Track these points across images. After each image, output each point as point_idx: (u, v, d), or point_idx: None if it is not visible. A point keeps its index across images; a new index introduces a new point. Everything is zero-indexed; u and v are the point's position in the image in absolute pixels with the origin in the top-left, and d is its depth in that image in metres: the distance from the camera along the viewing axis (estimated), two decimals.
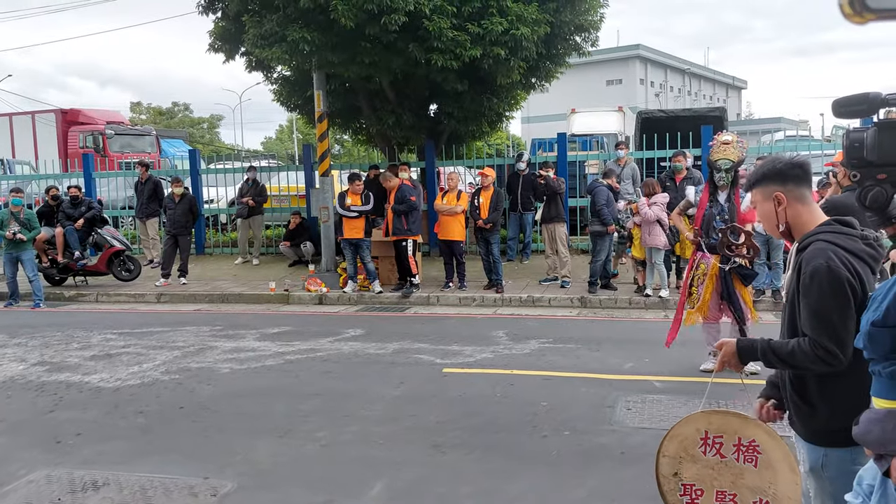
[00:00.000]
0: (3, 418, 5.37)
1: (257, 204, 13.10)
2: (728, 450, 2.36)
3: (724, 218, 5.78)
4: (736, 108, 67.97)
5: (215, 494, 3.96)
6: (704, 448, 2.39)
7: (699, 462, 2.40)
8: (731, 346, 2.41)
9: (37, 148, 24.72)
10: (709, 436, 2.39)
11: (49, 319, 9.59)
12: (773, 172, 2.38)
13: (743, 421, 2.37)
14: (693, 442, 2.41)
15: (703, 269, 5.94)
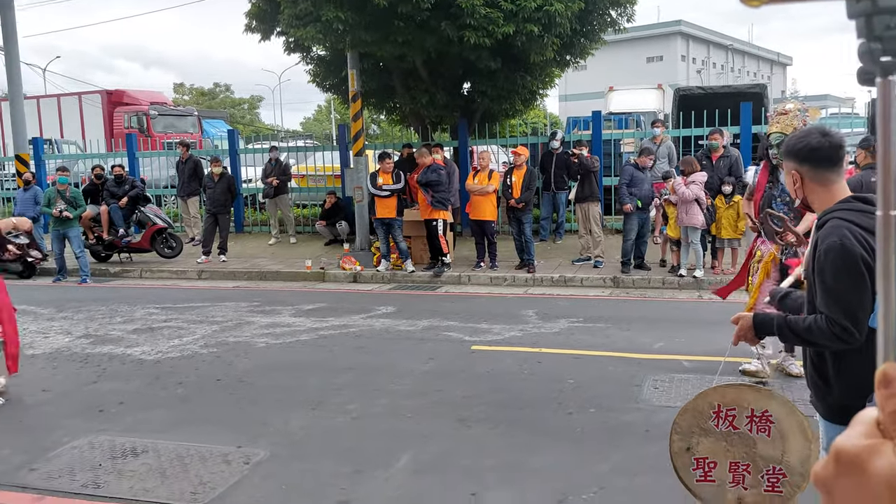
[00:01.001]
0: (50, 388, 5.63)
1: (282, 183, 13.28)
2: (741, 421, 2.36)
3: (786, 200, 5.09)
4: (780, 84, 66.08)
5: (248, 462, 4.12)
6: (717, 421, 2.39)
7: (711, 435, 2.40)
8: (748, 319, 2.42)
9: (83, 128, 25.37)
10: (721, 409, 2.38)
11: (94, 294, 9.93)
12: (791, 151, 2.38)
13: (757, 393, 2.37)
14: (705, 416, 2.41)
15: (758, 257, 5.35)
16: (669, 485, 3.69)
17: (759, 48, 69.69)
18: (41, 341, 7.09)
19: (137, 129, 22.72)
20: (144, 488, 3.81)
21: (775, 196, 5.20)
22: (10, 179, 17.54)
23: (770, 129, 5.05)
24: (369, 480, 3.87)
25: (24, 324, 7.89)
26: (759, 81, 30.23)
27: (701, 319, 7.45)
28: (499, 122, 13.68)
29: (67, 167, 12.00)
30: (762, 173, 5.34)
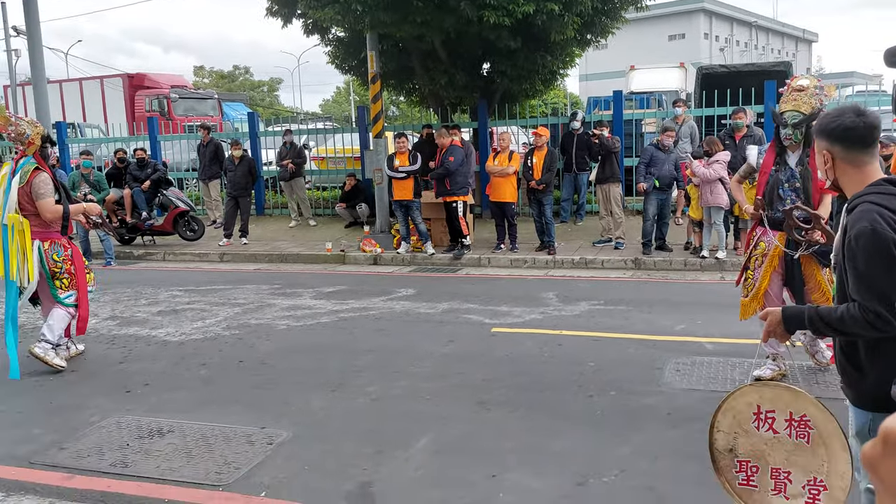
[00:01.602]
0: (78, 369, 5.73)
1: (297, 167, 13.31)
2: (780, 425, 2.30)
3: (795, 186, 4.57)
4: (806, 62, 64.84)
5: (271, 443, 4.18)
6: (758, 423, 2.33)
7: (753, 437, 2.34)
8: (777, 314, 2.35)
9: (105, 112, 25.60)
10: (761, 410, 2.32)
11: (119, 277, 10.07)
12: (825, 131, 2.30)
13: (794, 395, 2.30)
14: (746, 417, 2.34)
15: (762, 249, 4.73)
16: (691, 469, 3.70)
17: (783, 24, 68.36)
18: None
19: (158, 113, 22.88)
20: (171, 467, 3.88)
21: (782, 181, 4.63)
22: None
23: (783, 106, 4.51)
24: (390, 461, 3.92)
25: None
26: (784, 59, 29.68)
27: (723, 301, 7.39)
28: (519, 103, 13.58)
29: (91, 151, 12.13)
30: (768, 154, 4.75)
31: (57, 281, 5.71)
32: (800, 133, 4.48)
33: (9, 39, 27.18)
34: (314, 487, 3.65)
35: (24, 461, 4.03)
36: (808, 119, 4.34)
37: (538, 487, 3.58)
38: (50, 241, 5.69)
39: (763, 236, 4.77)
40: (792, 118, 4.42)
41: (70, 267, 5.78)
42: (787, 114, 4.44)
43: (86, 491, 3.67)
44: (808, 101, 4.38)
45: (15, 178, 5.58)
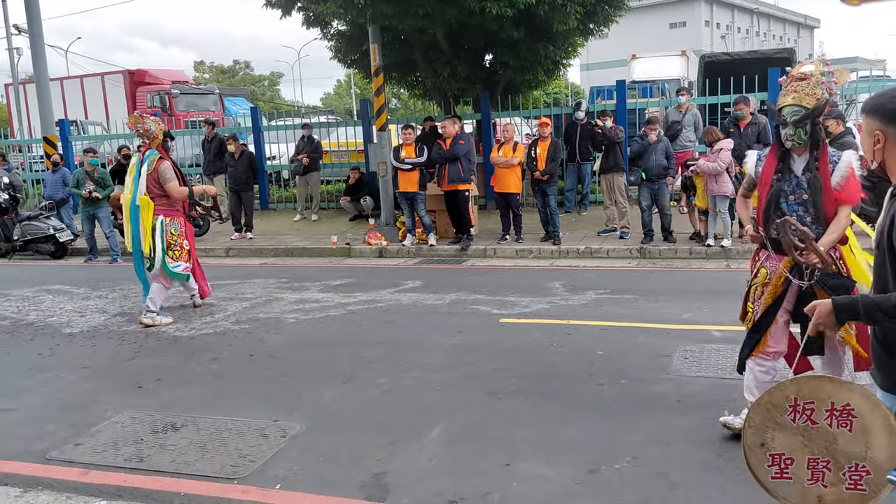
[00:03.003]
0: (90, 365, 5.77)
1: (313, 161, 13.31)
2: (820, 416, 2.23)
3: (802, 198, 3.63)
4: (808, 48, 64.54)
5: (284, 435, 4.21)
6: (794, 415, 2.26)
7: (787, 429, 2.28)
8: (827, 305, 2.24)
9: (107, 108, 25.60)
10: (798, 402, 2.26)
11: (126, 273, 10.07)
12: (881, 111, 2.17)
13: (836, 385, 2.24)
14: (781, 409, 2.28)
15: (762, 277, 3.83)
16: (702, 454, 3.73)
17: (785, 11, 68.08)
18: (78, 320, 7.25)
19: (160, 109, 22.89)
20: (186, 461, 3.92)
21: (786, 192, 3.68)
22: (38, 161, 17.80)
23: (782, 99, 3.65)
24: (403, 451, 3.95)
25: (60, 303, 8.09)
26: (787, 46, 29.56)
27: (730, 289, 7.38)
28: (521, 94, 13.56)
29: (94, 148, 12.15)
30: (768, 160, 3.79)
31: (170, 251, 6.84)
32: (803, 132, 3.56)
33: (10, 38, 27.17)
34: (329, 479, 3.68)
35: (39, 457, 4.07)
36: (813, 114, 3.53)
37: (551, 475, 3.61)
38: (171, 217, 6.91)
39: (766, 262, 3.83)
40: (792, 114, 3.56)
41: (183, 241, 6.96)
42: (786, 109, 3.58)
43: (102, 486, 3.71)
44: (813, 91, 3.55)
45: (143, 167, 6.84)
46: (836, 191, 3.59)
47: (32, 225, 11.73)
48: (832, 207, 3.61)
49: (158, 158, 6.87)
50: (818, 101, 3.55)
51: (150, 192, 6.84)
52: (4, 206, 11.77)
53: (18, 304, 8.12)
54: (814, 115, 3.55)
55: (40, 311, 7.72)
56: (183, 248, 6.96)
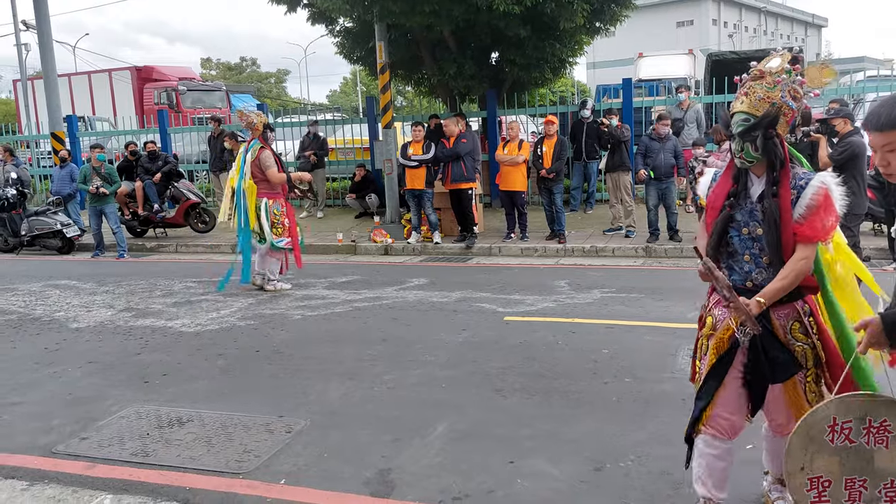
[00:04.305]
0: (96, 360, 5.79)
1: (318, 158, 13.32)
2: (857, 434, 2.20)
3: (756, 233, 2.75)
4: (815, 47, 64.30)
5: (290, 431, 4.22)
6: (832, 436, 2.22)
7: (826, 451, 2.23)
8: (877, 323, 2.12)
9: (115, 104, 25.69)
10: (837, 422, 2.21)
11: (133, 269, 10.15)
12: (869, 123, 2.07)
13: (873, 401, 2.21)
14: (820, 431, 2.23)
15: (709, 326, 2.92)
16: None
17: (793, 10, 67.78)
18: (85, 315, 7.29)
19: (167, 105, 22.94)
20: (191, 456, 3.93)
21: (738, 223, 2.80)
22: (45, 157, 17.87)
23: (733, 104, 2.79)
24: (408, 448, 3.95)
25: (67, 298, 8.12)
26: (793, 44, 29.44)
27: None
28: (527, 92, 13.55)
29: (102, 144, 12.20)
30: (721, 181, 2.93)
31: (274, 229, 7.81)
32: (752, 147, 2.67)
33: (18, 34, 27.25)
34: (333, 475, 3.69)
35: (46, 451, 4.08)
36: (762, 124, 2.65)
37: (556, 473, 3.61)
38: (273, 199, 7.83)
39: (714, 308, 2.92)
40: (738, 124, 2.70)
41: (284, 220, 7.90)
42: (735, 117, 2.73)
43: (108, 479, 3.72)
44: (767, 94, 2.67)
45: (248, 156, 7.78)
46: (797, 224, 2.65)
47: (40, 220, 11.79)
48: (789, 244, 2.69)
49: (259, 148, 7.76)
50: (770, 108, 2.64)
51: (254, 177, 7.73)
52: (12, 202, 11.83)
53: (25, 299, 8.16)
54: (763, 125, 2.65)
55: (47, 306, 7.75)
56: (284, 225, 7.88)
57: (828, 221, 2.62)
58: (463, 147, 10.00)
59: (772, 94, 2.67)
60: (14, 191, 11.89)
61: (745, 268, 2.79)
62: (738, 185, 2.80)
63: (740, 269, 2.81)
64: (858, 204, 6.71)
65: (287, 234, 7.91)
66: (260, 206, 7.76)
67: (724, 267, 2.83)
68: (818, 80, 2.75)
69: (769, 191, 2.71)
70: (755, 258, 2.77)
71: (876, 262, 8.23)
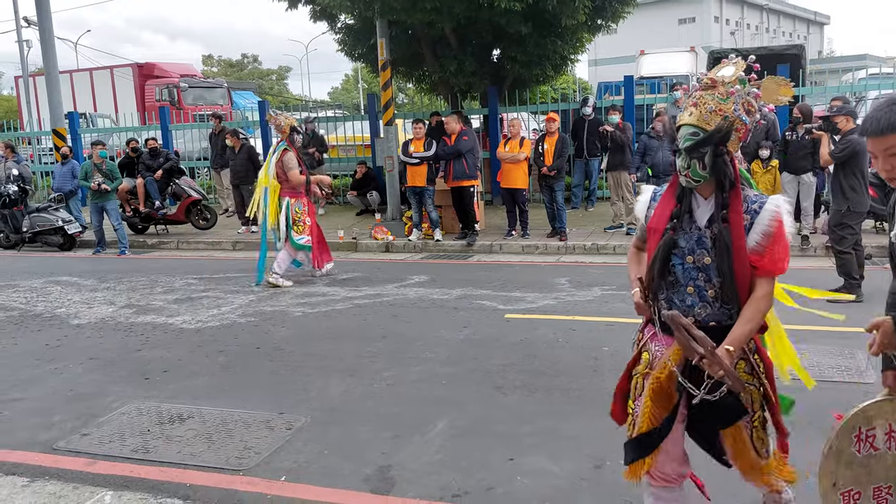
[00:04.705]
0: (97, 356, 5.80)
1: (319, 155, 13.34)
2: (880, 440, 2.16)
3: (703, 262, 2.45)
4: (817, 45, 64.19)
5: (290, 428, 4.23)
6: (858, 446, 2.17)
7: (853, 463, 2.18)
8: (889, 324, 2.07)
9: (116, 101, 25.68)
10: (862, 431, 2.16)
11: (134, 265, 10.15)
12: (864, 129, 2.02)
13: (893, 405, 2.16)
14: (848, 443, 2.17)
15: (645, 362, 2.62)
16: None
17: (795, 7, 67.61)
18: (86, 311, 7.29)
19: (168, 102, 22.93)
20: (192, 453, 3.93)
21: (683, 250, 2.48)
22: (47, 153, 17.88)
23: (681, 117, 2.46)
24: (408, 445, 3.95)
25: (68, 294, 8.13)
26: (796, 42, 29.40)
27: None
28: (529, 89, 13.53)
29: (103, 141, 12.20)
30: (663, 200, 2.58)
31: (295, 226, 8.06)
32: (699, 165, 2.39)
33: (20, 30, 27.24)
34: (334, 471, 3.69)
35: (46, 447, 4.09)
36: (712, 140, 2.36)
37: (556, 471, 3.61)
38: (295, 198, 8.10)
39: (651, 342, 2.63)
40: (685, 139, 2.40)
41: (305, 218, 8.14)
42: (682, 130, 2.42)
43: (109, 476, 3.73)
44: (718, 107, 2.39)
45: (274, 156, 8.07)
46: (755, 254, 2.38)
47: (41, 217, 11.79)
48: (747, 280, 2.40)
49: (284, 149, 8.05)
50: (723, 122, 2.36)
51: (278, 177, 8.02)
52: (14, 198, 11.84)
53: (27, 296, 8.17)
54: (713, 140, 2.36)
55: (48, 303, 7.76)
56: (305, 223, 8.13)
57: (786, 251, 2.41)
58: (464, 144, 9.99)
59: (724, 107, 2.39)
60: (15, 187, 11.89)
61: (688, 301, 2.46)
62: (681, 206, 2.49)
63: (681, 301, 2.47)
64: (860, 202, 6.69)
65: (307, 231, 8.16)
66: (282, 205, 8.05)
67: (664, 299, 2.51)
68: (774, 96, 2.51)
69: (719, 215, 2.41)
70: (700, 291, 2.45)
71: (878, 259, 8.23)
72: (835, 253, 6.88)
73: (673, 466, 2.62)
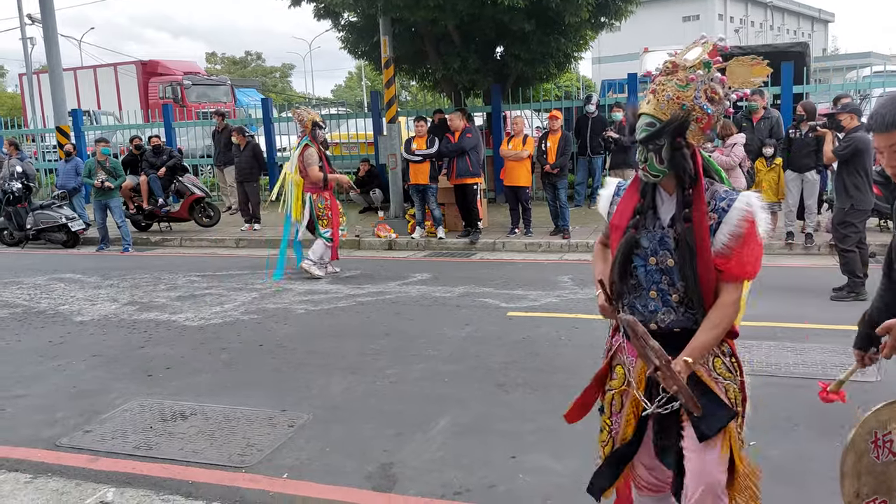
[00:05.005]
0: (100, 353, 5.81)
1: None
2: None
3: (666, 264, 2.26)
4: (822, 43, 63.97)
5: (292, 425, 4.23)
6: (877, 452, 2.11)
7: (874, 470, 2.13)
8: None
9: (120, 99, 25.69)
10: (878, 436, 2.11)
11: (137, 263, 10.17)
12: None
13: None
14: (865, 451, 2.12)
15: (619, 380, 2.43)
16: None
17: (799, 5, 67.39)
18: (89, 308, 7.31)
19: (172, 100, 22.95)
20: (194, 450, 3.94)
21: (645, 250, 2.28)
22: (51, 151, 17.91)
23: (641, 105, 2.27)
24: (410, 442, 3.96)
25: (72, 291, 8.15)
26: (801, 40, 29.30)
27: None
28: (532, 87, 13.51)
29: (107, 138, 12.22)
30: (626, 195, 2.38)
31: (320, 221, 8.27)
32: (656, 159, 2.18)
33: (24, 27, 27.28)
34: (336, 469, 3.70)
35: (49, 444, 4.10)
36: (667, 130, 2.15)
37: (557, 468, 3.61)
38: (317, 194, 8.24)
39: (622, 354, 2.41)
40: (641, 129, 2.21)
41: (328, 213, 8.28)
42: (641, 120, 2.23)
43: (111, 472, 3.74)
44: (677, 94, 2.16)
45: (296, 150, 8.27)
46: (721, 257, 2.17)
47: (45, 214, 11.82)
48: (712, 285, 2.20)
49: (305, 144, 8.18)
50: (680, 112, 2.14)
51: (301, 171, 8.19)
52: (17, 196, 11.86)
53: (30, 292, 8.19)
54: (668, 132, 2.14)
55: (52, 300, 7.78)
56: (329, 217, 8.29)
57: (756, 252, 2.19)
58: (468, 142, 9.98)
59: (683, 95, 2.15)
60: (19, 184, 11.91)
61: (651, 306, 2.27)
62: (644, 202, 2.28)
63: (644, 307, 2.28)
64: (863, 200, 6.67)
65: (330, 225, 8.33)
66: (305, 200, 8.24)
67: (626, 304, 2.33)
68: (744, 78, 2.22)
69: (680, 214, 2.21)
70: (663, 295, 2.25)
71: (882, 258, 8.20)
72: (838, 251, 6.86)
73: (655, 474, 2.51)
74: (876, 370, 4.34)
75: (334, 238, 8.41)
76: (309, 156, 8.09)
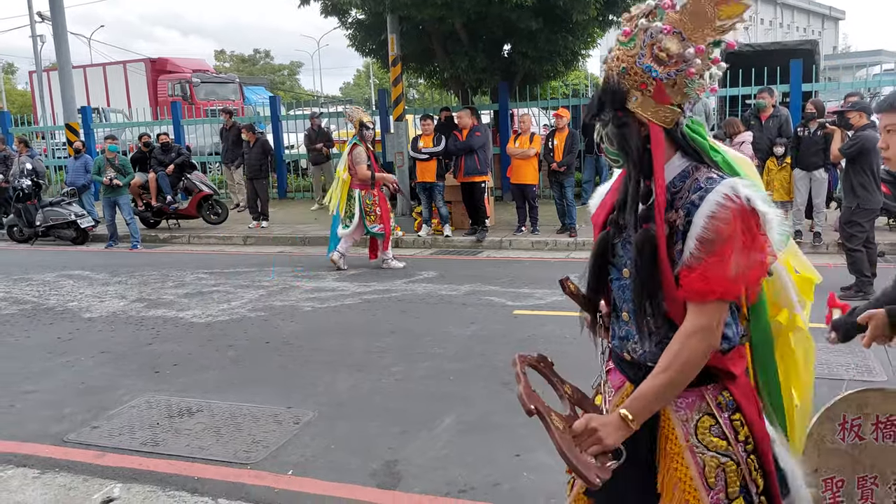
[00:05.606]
0: (108, 349, 5.85)
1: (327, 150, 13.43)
2: (867, 430, 2.16)
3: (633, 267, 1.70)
4: (832, 40, 63.55)
5: (298, 422, 4.25)
6: (843, 434, 2.16)
7: (838, 451, 2.18)
8: (881, 316, 2.02)
9: (129, 96, 25.80)
10: (846, 419, 2.16)
11: (146, 259, 10.22)
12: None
13: (883, 396, 2.16)
14: (830, 430, 2.17)
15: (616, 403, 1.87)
16: None
17: (809, 2, 66.99)
18: (98, 305, 7.35)
19: (181, 97, 23.04)
20: (200, 446, 3.97)
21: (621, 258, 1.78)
22: (60, 148, 18.01)
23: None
24: (415, 440, 3.97)
25: (81, 288, 8.20)
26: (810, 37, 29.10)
27: None
28: (539, 85, 13.49)
29: (115, 136, 12.28)
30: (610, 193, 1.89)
31: (368, 217, 8.52)
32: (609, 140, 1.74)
33: (34, 25, 27.43)
34: (340, 466, 3.71)
35: (57, 439, 4.13)
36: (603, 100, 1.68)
37: (561, 467, 3.60)
38: (365, 190, 8.51)
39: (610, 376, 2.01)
40: None
41: (376, 208, 8.56)
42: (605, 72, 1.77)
43: (118, 468, 3.76)
44: (619, 54, 1.66)
45: (346, 149, 8.61)
46: (684, 269, 1.60)
47: (54, 211, 11.89)
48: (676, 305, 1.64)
49: (354, 143, 8.49)
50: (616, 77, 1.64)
51: (350, 169, 8.45)
52: (27, 192, 11.94)
53: (39, 289, 8.25)
54: (596, 105, 1.71)
55: (61, 296, 7.83)
56: (377, 213, 8.55)
57: (741, 262, 1.55)
58: (476, 140, 9.98)
59: (626, 54, 1.63)
60: (29, 181, 11.99)
61: (623, 331, 1.81)
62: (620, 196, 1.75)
63: (619, 330, 1.83)
64: (870, 199, 6.62)
65: (379, 221, 8.58)
66: (353, 196, 8.51)
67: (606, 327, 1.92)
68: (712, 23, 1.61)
69: (632, 211, 1.68)
70: (624, 304, 1.79)
71: (891, 257, 8.16)
72: (845, 250, 6.83)
73: None
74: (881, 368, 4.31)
75: (386, 231, 8.69)
76: (357, 154, 8.37)
